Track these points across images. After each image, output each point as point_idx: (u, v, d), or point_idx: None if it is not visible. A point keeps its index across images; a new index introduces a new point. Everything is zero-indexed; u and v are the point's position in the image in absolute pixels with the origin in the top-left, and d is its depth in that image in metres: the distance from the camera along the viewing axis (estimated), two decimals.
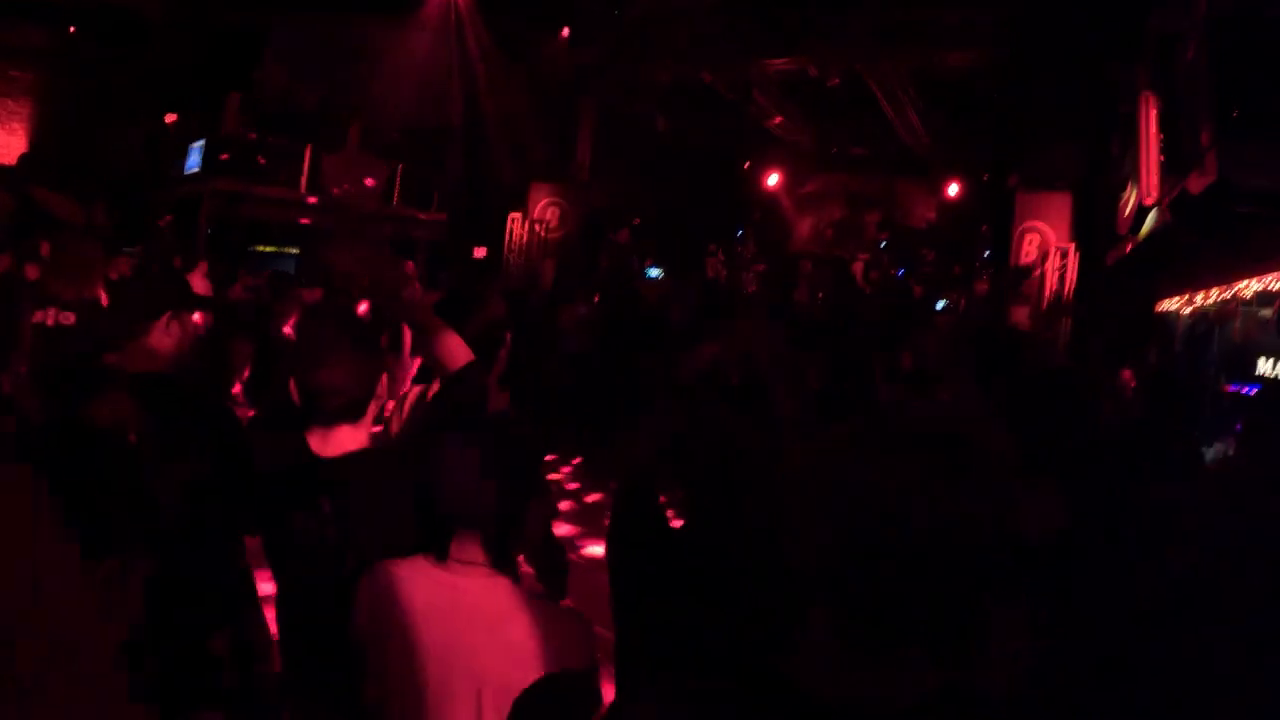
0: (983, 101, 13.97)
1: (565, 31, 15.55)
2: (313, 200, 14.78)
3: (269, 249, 15.62)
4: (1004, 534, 0.97)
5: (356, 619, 1.79)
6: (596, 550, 6.93)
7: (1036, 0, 11.12)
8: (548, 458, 9.13)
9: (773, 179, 19.10)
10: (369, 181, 15.40)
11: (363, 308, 8.60)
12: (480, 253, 16.81)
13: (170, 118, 14.96)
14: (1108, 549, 2.10)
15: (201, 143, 14.33)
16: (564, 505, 7.76)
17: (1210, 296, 8.63)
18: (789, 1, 13.34)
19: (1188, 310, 9.46)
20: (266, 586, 2.30)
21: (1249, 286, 7.74)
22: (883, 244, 17.31)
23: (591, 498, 7.76)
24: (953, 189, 17.20)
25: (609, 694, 1.63)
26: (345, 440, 2.21)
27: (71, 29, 13.88)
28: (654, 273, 18.15)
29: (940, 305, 14.99)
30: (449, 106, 16.27)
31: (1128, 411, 4.90)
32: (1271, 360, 8.01)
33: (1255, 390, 7.68)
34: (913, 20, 12.57)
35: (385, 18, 14.94)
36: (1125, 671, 1.93)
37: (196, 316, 3.01)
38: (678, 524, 2.04)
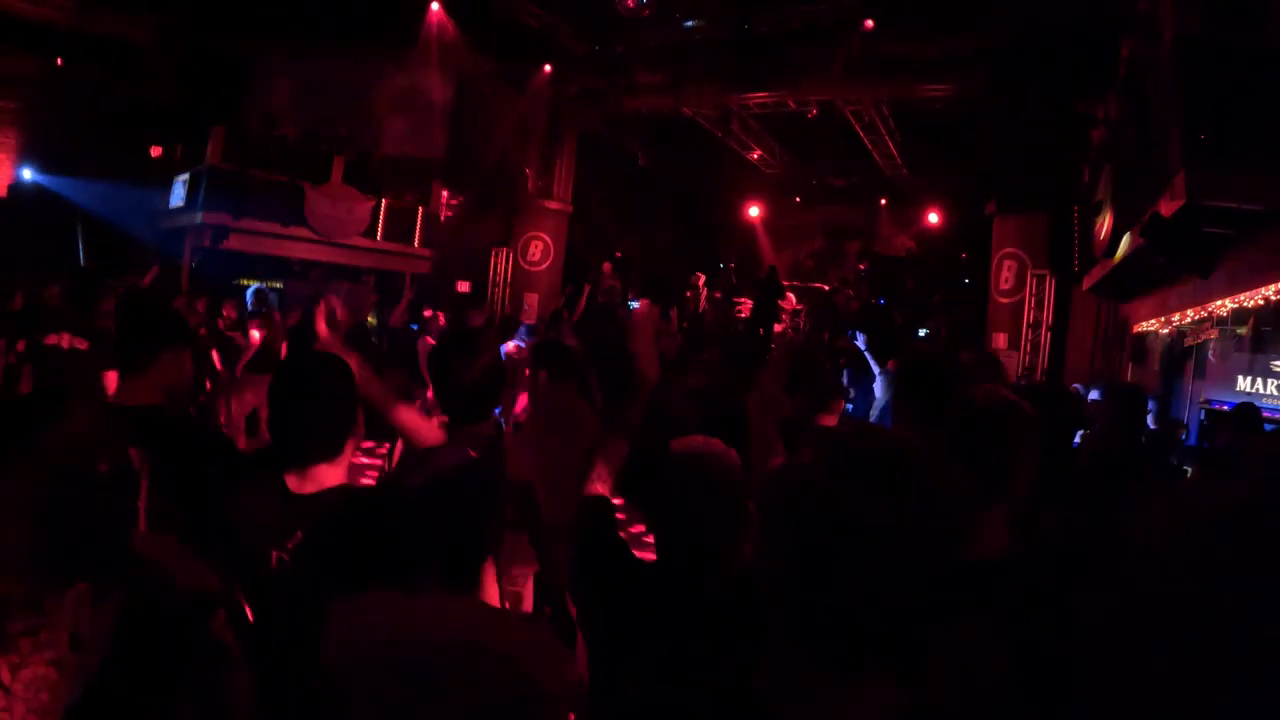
0: (960, 132, 14.23)
1: (548, 67, 15.76)
2: (297, 233, 14.78)
3: (253, 282, 15.55)
4: (956, 551, 1.01)
5: (325, 653, 1.76)
6: None
7: (1012, 33, 11.38)
8: None
9: (753, 210, 19.36)
10: (353, 215, 15.43)
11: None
12: (464, 287, 16.85)
13: (155, 150, 14.97)
14: (1064, 569, 2.13)
15: (186, 175, 14.34)
16: None
17: (1186, 316, 8.78)
18: (769, 37, 13.60)
19: (1165, 331, 9.60)
20: None
21: (1223, 305, 7.89)
22: (863, 273, 17.48)
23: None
24: (931, 218, 17.45)
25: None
26: (324, 477, 2.21)
27: (59, 60, 13.93)
28: (636, 305, 18.22)
29: (921, 333, 15.15)
30: (433, 140, 16.40)
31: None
32: (1250, 377, 8.12)
33: (1233, 407, 7.79)
34: (892, 54, 12.85)
35: (371, 52, 15.09)
36: (1081, 692, 1.96)
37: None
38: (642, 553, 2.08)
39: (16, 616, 1.01)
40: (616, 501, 2.24)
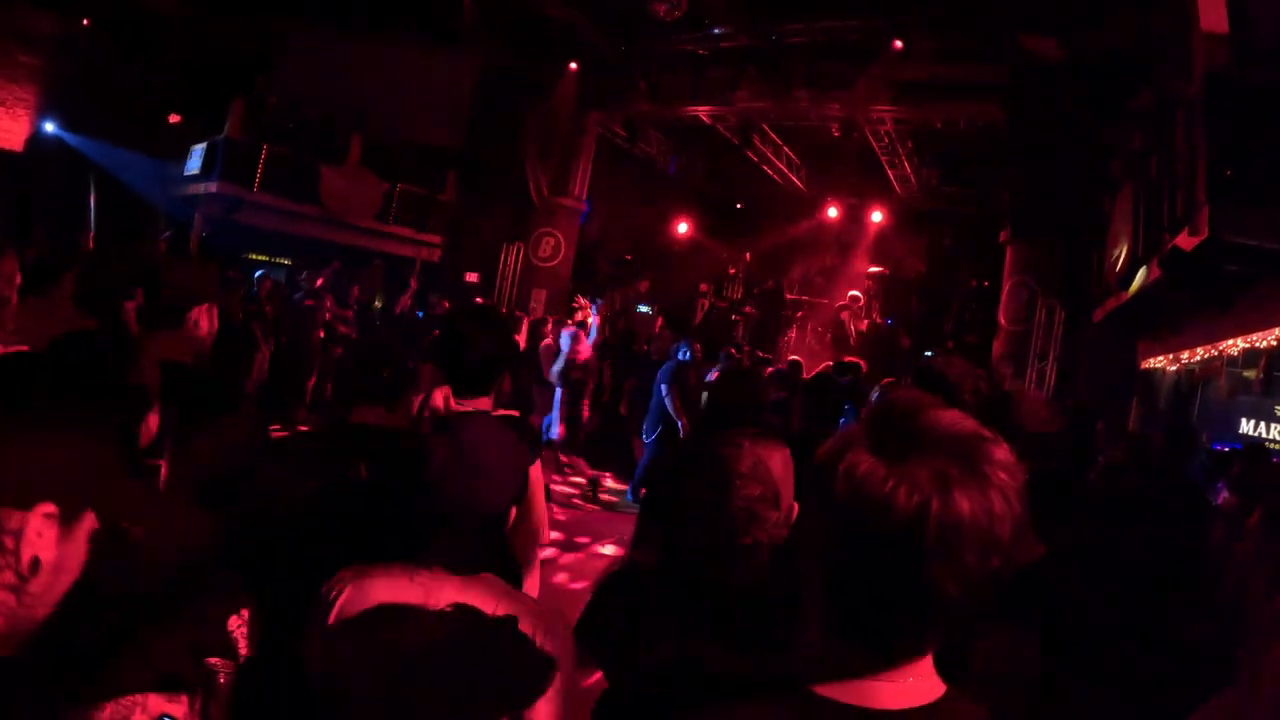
0: (978, 156, 14.22)
1: (573, 65, 15.76)
2: (310, 211, 14.76)
3: (263, 257, 15.58)
4: (1017, 537, 0.94)
5: (324, 622, 1.70)
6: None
7: (1035, 61, 11.38)
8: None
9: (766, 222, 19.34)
10: (367, 197, 15.44)
11: None
12: (472, 277, 16.83)
13: (174, 118, 14.97)
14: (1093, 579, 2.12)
15: (203, 145, 14.34)
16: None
17: (1196, 355, 8.74)
18: (796, 50, 13.60)
19: (1173, 368, 9.57)
20: None
21: (1235, 345, 7.85)
22: (872, 293, 17.44)
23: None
24: (944, 241, 17.44)
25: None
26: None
27: (85, 21, 13.93)
28: (643, 309, 18.24)
29: (927, 355, 15.10)
30: (453, 129, 16.38)
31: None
32: (1254, 420, 8.10)
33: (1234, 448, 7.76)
34: (917, 76, 12.85)
35: (398, 36, 15.09)
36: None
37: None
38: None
39: None
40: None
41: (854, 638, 0.98)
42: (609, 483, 9.74)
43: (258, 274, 10.86)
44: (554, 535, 7.57)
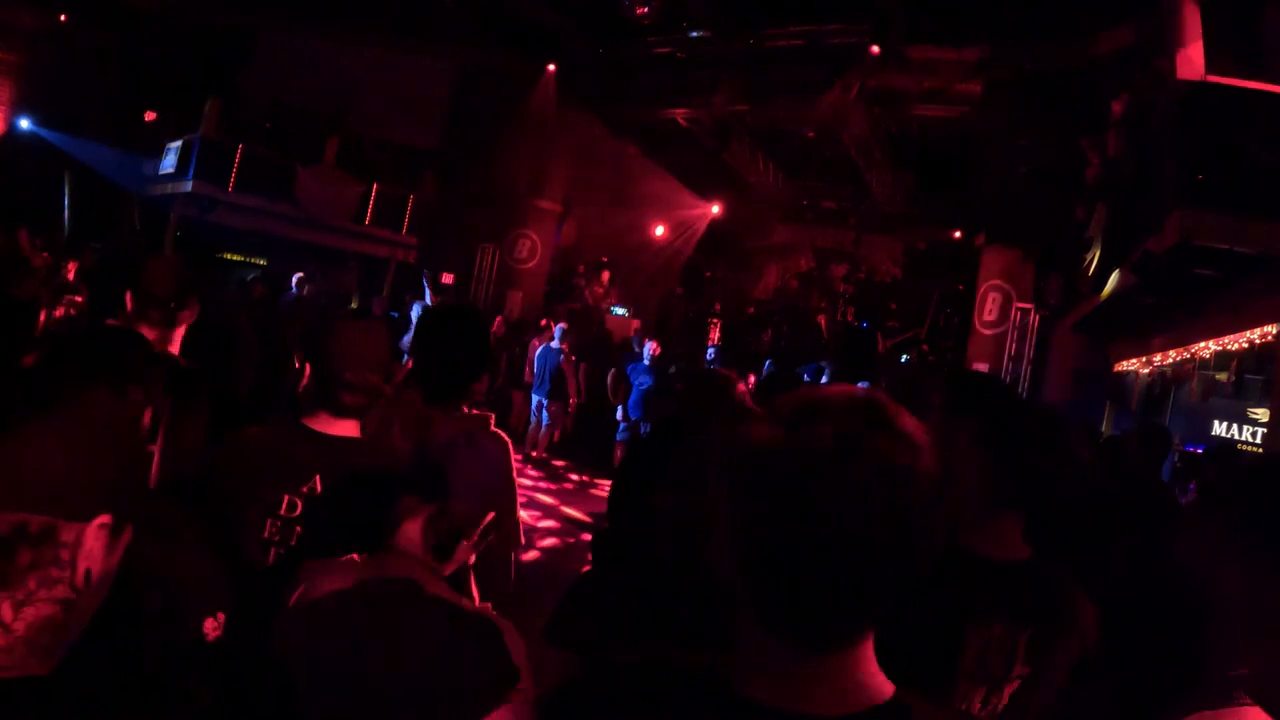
0: (955, 162, 14.35)
1: (552, 67, 15.73)
2: (285, 211, 14.59)
3: (237, 258, 15.43)
4: (931, 520, 0.88)
5: (283, 619, 1.67)
6: None
7: (1012, 69, 11.52)
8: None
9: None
10: (343, 198, 15.29)
11: None
12: (448, 279, 16.72)
13: (150, 115, 14.78)
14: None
15: (179, 143, 14.16)
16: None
17: (1168, 358, 8.87)
18: (773, 54, 13.66)
19: (1146, 371, 9.70)
20: None
21: (1207, 348, 7.98)
22: (848, 297, 17.57)
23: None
24: (919, 245, 17.59)
25: None
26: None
27: (63, 16, 13.77)
28: (619, 311, 18.23)
29: (903, 359, 15.24)
30: (430, 130, 16.31)
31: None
32: (1226, 422, 8.22)
33: (1205, 449, 7.88)
34: (894, 82, 12.96)
35: (375, 37, 15.01)
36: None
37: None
38: None
39: (26, 549, 0.92)
40: None
41: (772, 626, 0.90)
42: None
43: (251, 277, 10.77)
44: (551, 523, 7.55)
